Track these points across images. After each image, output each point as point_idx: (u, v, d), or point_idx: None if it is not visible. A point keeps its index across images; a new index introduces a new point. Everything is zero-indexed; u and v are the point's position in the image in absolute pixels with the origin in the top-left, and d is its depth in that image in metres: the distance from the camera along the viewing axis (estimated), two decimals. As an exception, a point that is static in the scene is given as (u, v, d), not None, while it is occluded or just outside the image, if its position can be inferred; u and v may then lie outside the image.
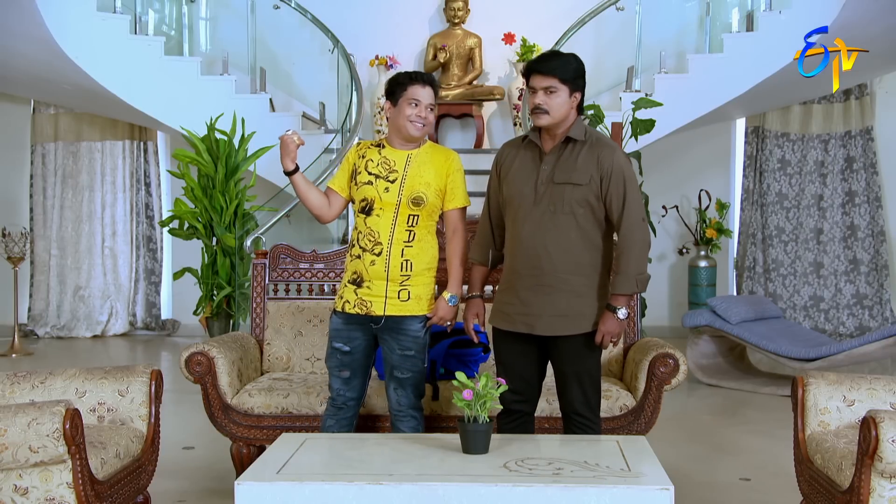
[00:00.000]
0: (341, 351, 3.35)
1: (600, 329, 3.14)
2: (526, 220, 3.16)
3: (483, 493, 2.46)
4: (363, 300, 3.30)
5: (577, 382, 3.19)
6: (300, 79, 8.47)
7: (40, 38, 6.58)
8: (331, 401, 3.42)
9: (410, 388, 3.34)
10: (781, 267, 8.58)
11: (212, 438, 4.41)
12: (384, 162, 3.33)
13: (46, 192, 8.98)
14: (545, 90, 3.10)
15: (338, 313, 3.36)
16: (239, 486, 2.51)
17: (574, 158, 3.14)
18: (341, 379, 3.38)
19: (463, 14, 8.34)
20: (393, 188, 3.28)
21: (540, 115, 3.12)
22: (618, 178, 3.12)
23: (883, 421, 2.56)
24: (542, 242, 3.13)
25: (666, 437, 4.51)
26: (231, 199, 6.95)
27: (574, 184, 3.11)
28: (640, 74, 7.65)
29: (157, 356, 7.85)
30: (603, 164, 3.12)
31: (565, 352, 3.18)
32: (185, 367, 3.72)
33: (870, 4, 6.28)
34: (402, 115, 3.29)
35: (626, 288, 3.13)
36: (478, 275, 3.39)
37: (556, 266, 3.13)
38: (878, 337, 5.73)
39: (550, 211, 3.12)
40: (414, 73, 3.36)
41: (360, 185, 3.33)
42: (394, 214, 3.28)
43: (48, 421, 2.64)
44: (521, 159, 3.24)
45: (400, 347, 3.31)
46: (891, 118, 8.43)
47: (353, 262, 3.34)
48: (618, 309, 3.12)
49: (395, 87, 3.33)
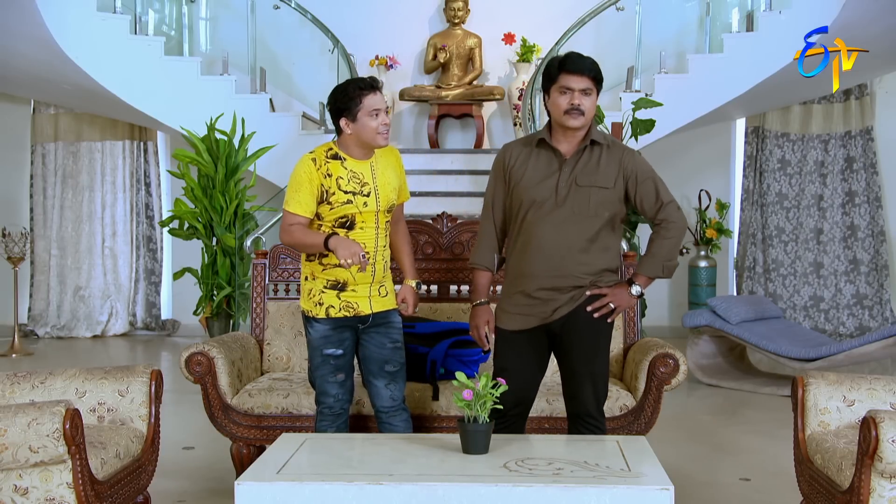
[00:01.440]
0: (334, 356, 3.33)
1: (609, 294, 3.15)
2: (546, 223, 3.12)
3: (483, 494, 2.46)
4: (348, 302, 3.31)
5: (591, 383, 3.16)
6: (300, 79, 8.47)
7: (40, 38, 6.59)
8: (327, 409, 3.37)
9: (401, 380, 3.40)
10: (781, 267, 8.58)
11: (212, 438, 4.42)
12: (353, 176, 3.26)
13: (46, 192, 8.98)
14: (582, 91, 3.08)
15: (321, 320, 3.32)
16: (239, 486, 2.51)
17: (596, 161, 3.14)
18: (338, 383, 3.35)
19: (463, 14, 8.34)
20: (370, 201, 3.27)
21: (577, 117, 3.07)
22: (644, 176, 3.17)
23: (883, 421, 2.56)
24: (564, 245, 3.12)
25: (666, 437, 4.51)
26: (231, 199, 6.95)
27: (600, 187, 3.12)
28: (640, 74, 7.65)
29: (157, 356, 7.85)
30: (626, 166, 3.15)
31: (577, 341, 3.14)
32: (185, 367, 3.72)
33: (870, 4, 6.28)
34: (366, 129, 3.21)
35: (652, 271, 3.17)
36: (484, 280, 3.32)
37: (578, 268, 3.13)
38: (878, 337, 5.73)
39: (574, 213, 3.11)
40: (360, 81, 3.26)
41: (337, 205, 3.23)
42: (375, 224, 3.30)
43: (48, 421, 2.64)
44: (535, 161, 3.19)
45: (390, 341, 3.37)
46: (891, 118, 8.43)
47: (330, 271, 3.29)
48: (635, 284, 3.17)
49: (347, 103, 3.20)
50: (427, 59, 8.40)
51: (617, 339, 4.07)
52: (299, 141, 7.56)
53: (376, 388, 3.37)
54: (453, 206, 6.55)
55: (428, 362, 3.83)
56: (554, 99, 3.13)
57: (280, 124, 7.62)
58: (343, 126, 3.24)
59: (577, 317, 3.15)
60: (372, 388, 3.38)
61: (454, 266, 4.25)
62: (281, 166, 7.33)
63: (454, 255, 4.24)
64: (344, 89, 3.25)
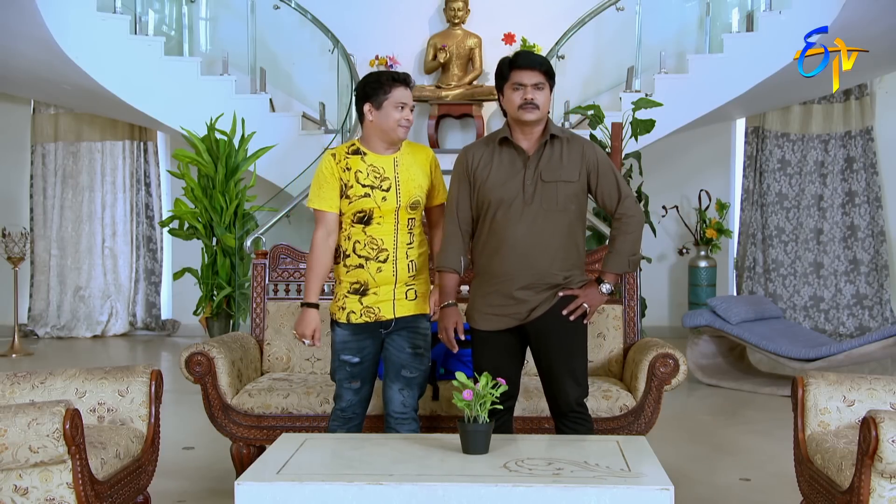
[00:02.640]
0: (350, 363, 3.29)
1: (581, 295, 3.18)
2: (518, 222, 3.15)
3: (483, 494, 2.46)
4: (370, 308, 3.27)
5: (571, 379, 3.20)
6: (300, 79, 8.47)
7: (40, 38, 6.59)
8: (339, 412, 3.35)
9: (416, 387, 3.33)
10: (781, 267, 8.58)
11: (212, 438, 4.41)
12: (373, 170, 3.26)
13: (46, 193, 8.99)
14: (535, 86, 3.14)
15: (343, 325, 3.29)
16: (239, 486, 2.51)
17: (559, 156, 3.18)
18: (352, 390, 3.32)
19: (463, 14, 8.33)
20: (389, 196, 3.24)
21: (531, 110, 3.13)
22: (605, 168, 3.21)
23: (883, 421, 2.56)
24: (540, 243, 3.15)
25: (666, 437, 4.51)
26: (231, 199, 6.95)
27: (566, 181, 3.16)
28: (640, 74, 7.65)
29: (157, 356, 7.85)
30: (588, 158, 3.20)
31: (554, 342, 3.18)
32: (186, 367, 3.72)
33: (870, 4, 6.28)
34: (389, 119, 3.22)
35: (619, 266, 3.20)
36: (451, 282, 3.30)
37: (554, 265, 3.16)
38: (878, 337, 5.73)
39: (544, 209, 3.15)
40: (395, 74, 3.28)
41: (354, 199, 3.24)
42: (394, 221, 3.26)
43: (48, 421, 2.64)
44: (498, 161, 3.22)
45: (411, 346, 3.30)
46: (891, 118, 8.43)
47: (353, 272, 3.27)
48: (604, 283, 3.20)
49: (375, 90, 3.22)
50: (427, 60, 8.40)
51: (617, 339, 4.08)
52: (299, 141, 7.56)
53: (390, 392, 3.31)
54: (453, 206, 6.54)
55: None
56: (508, 96, 3.19)
57: (280, 124, 7.62)
58: (366, 112, 3.24)
59: (552, 318, 3.18)
60: (386, 391, 3.33)
61: (454, 266, 4.24)
62: (281, 166, 7.34)
63: (454, 256, 4.23)
64: (377, 77, 3.28)
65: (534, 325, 3.20)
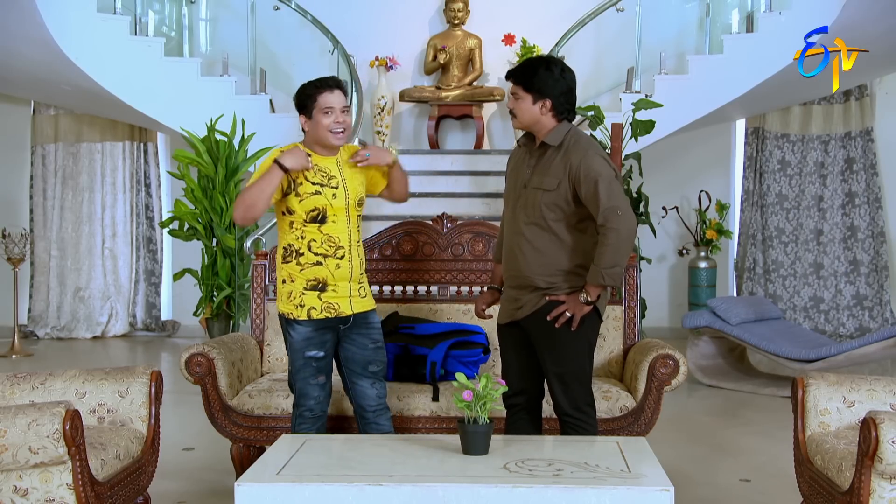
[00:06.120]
0: (316, 358, 3.34)
1: (566, 302, 3.20)
2: (508, 223, 3.32)
3: (483, 495, 2.46)
4: (329, 304, 3.33)
5: (559, 384, 3.24)
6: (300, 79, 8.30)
7: (40, 39, 6.59)
8: (308, 412, 3.37)
9: (383, 377, 3.46)
10: (781, 268, 8.58)
11: (212, 439, 4.41)
12: (319, 170, 3.32)
13: (46, 193, 8.98)
14: (513, 95, 3.27)
15: (303, 322, 3.33)
16: (239, 487, 2.51)
17: (548, 164, 3.22)
18: (319, 386, 3.37)
19: (463, 15, 8.34)
20: (339, 193, 3.32)
21: (512, 119, 3.31)
22: (587, 177, 3.13)
23: (883, 422, 2.56)
24: (517, 245, 3.25)
25: (666, 438, 4.51)
26: (231, 200, 6.95)
27: (544, 189, 3.19)
28: (640, 75, 7.64)
29: (157, 357, 7.85)
30: (572, 166, 3.16)
31: (544, 345, 3.24)
32: (185, 368, 3.72)
33: (870, 5, 6.28)
34: (319, 126, 3.28)
35: (594, 279, 3.16)
36: (496, 271, 3.55)
37: (529, 269, 3.22)
38: (878, 338, 5.73)
39: (525, 215, 3.24)
40: (319, 81, 3.33)
41: (305, 196, 3.28)
42: (346, 218, 3.34)
43: (48, 422, 2.64)
44: (516, 162, 3.39)
45: (372, 341, 3.41)
46: (891, 119, 8.43)
47: (309, 270, 3.31)
48: (583, 292, 3.19)
49: (304, 100, 3.31)
50: (427, 60, 8.40)
51: (617, 340, 4.08)
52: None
53: (361, 388, 3.40)
54: (453, 206, 6.55)
55: (428, 363, 3.84)
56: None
57: (280, 125, 7.61)
58: (301, 123, 3.35)
59: (537, 321, 3.24)
60: (357, 388, 3.41)
61: (454, 267, 4.25)
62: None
63: (454, 256, 4.25)
64: (305, 87, 3.34)
65: (526, 324, 3.28)
